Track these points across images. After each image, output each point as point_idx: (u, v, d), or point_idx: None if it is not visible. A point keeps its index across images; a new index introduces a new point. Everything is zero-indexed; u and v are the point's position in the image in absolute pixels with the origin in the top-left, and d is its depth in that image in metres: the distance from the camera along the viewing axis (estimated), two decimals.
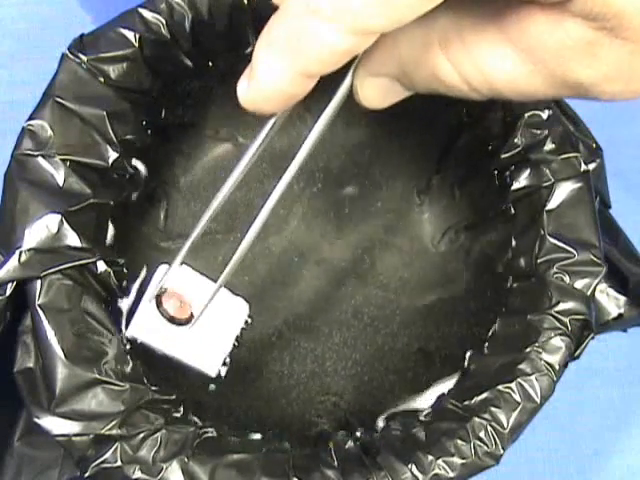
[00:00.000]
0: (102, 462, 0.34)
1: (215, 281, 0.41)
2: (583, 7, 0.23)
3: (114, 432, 0.34)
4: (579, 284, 0.38)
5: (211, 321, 0.42)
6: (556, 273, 0.38)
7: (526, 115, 0.39)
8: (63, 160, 0.36)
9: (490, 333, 0.40)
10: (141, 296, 0.41)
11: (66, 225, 0.36)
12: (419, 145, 0.46)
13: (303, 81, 0.25)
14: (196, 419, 0.37)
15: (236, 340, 0.43)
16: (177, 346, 0.41)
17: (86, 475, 0.34)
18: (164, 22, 0.39)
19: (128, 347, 0.39)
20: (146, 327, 0.41)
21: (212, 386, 0.44)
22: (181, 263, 0.41)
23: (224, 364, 0.43)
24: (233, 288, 0.43)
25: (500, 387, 0.36)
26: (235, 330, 0.43)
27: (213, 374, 0.42)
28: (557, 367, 0.36)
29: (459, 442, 0.35)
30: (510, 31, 0.25)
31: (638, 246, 0.42)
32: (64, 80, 0.37)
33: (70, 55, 0.38)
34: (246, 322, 0.44)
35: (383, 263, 0.46)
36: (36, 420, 0.34)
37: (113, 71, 0.38)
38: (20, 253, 0.35)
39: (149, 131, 0.41)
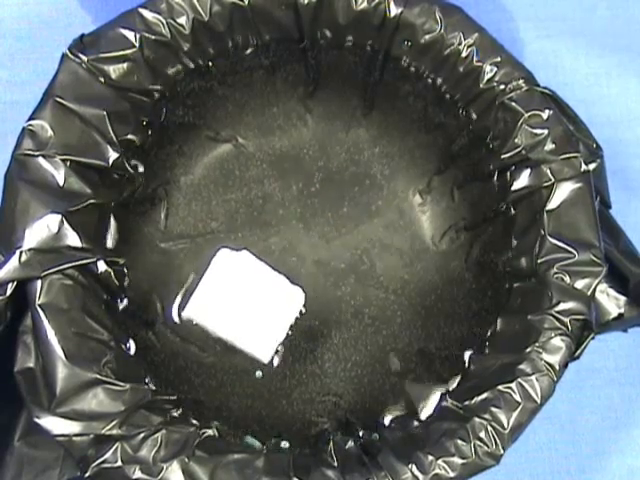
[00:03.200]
0: (102, 462, 0.34)
1: (274, 268, 0.42)
2: None
3: (114, 432, 0.34)
4: (579, 284, 0.38)
5: (267, 308, 0.43)
6: (556, 273, 0.38)
7: (526, 115, 0.39)
8: (63, 160, 0.36)
9: (490, 333, 0.40)
10: None
11: (66, 225, 0.36)
12: (419, 146, 0.46)
13: None
14: (196, 419, 0.37)
15: (290, 329, 0.44)
16: (232, 330, 0.42)
17: (86, 475, 0.34)
18: (164, 22, 0.39)
19: (132, 346, 0.39)
20: (202, 309, 0.42)
21: (259, 373, 0.44)
22: (241, 248, 0.42)
23: (277, 352, 0.44)
24: None
25: (500, 387, 0.36)
26: (290, 318, 0.44)
27: (266, 360, 0.43)
28: (557, 367, 0.36)
29: (459, 442, 0.35)
30: None
31: (638, 246, 0.42)
32: (64, 80, 0.37)
33: (70, 55, 0.38)
34: (300, 312, 0.44)
35: (383, 264, 0.46)
36: (36, 420, 0.34)
37: (113, 71, 0.38)
38: (20, 253, 0.35)
39: (149, 131, 0.41)
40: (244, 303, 0.43)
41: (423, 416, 0.38)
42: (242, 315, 0.42)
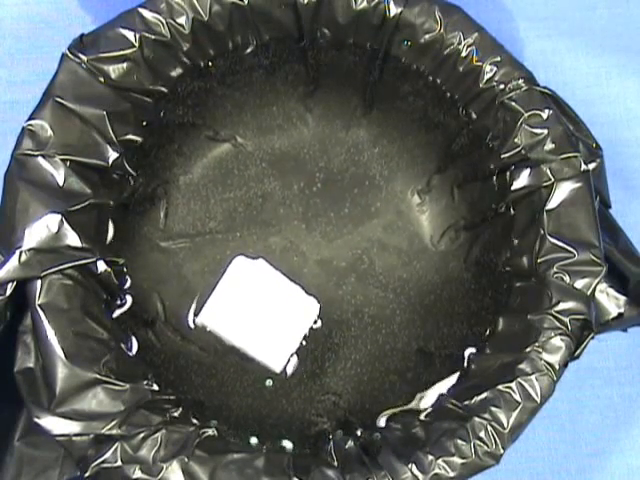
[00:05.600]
0: (102, 462, 0.34)
1: (290, 278, 0.42)
2: None
3: (114, 432, 0.34)
4: (579, 284, 0.38)
5: (281, 317, 0.43)
6: (556, 273, 0.38)
7: (526, 115, 0.39)
8: (63, 160, 0.36)
9: (490, 333, 0.40)
10: None
11: (66, 225, 0.36)
12: (419, 145, 0.46)
13: None
14: (196, 419, 0.37)
15: (304, 339, 0.44)
16: (245, 338, 0.43)
17: (86, 475, 0.34)
18: (164, 22, 0.39)
19: (133, 345, 0.39)
20: (216, 316, 0.42)
21: (269, 381, 0.44)
22: (257, 257, 0.42)
23: (289, 361, 0.44)
24: None
25: (500, 387, 0.36)
26: (304, 329, 0.44)
27: (278, 370, 0.43)
28: (557, 367, 0.36)
29: (459, 442, 0.35)
30: None
31: (638, 246, 0.42)
32: (64, 80, 0.37)
33: (70, 55, 0.38)
34: (315, 322, 0.44)
35: (382, 263, 0.46)
36: (36, 420, 0.34)
37: (113, 71, 0.38)
38: (20, 253, 0.35)
39: (149, 131, 0.41)
40: (258, 312, 0.43)
41: (423, 416, 0.38)
42: (256, 324, 0.43)
